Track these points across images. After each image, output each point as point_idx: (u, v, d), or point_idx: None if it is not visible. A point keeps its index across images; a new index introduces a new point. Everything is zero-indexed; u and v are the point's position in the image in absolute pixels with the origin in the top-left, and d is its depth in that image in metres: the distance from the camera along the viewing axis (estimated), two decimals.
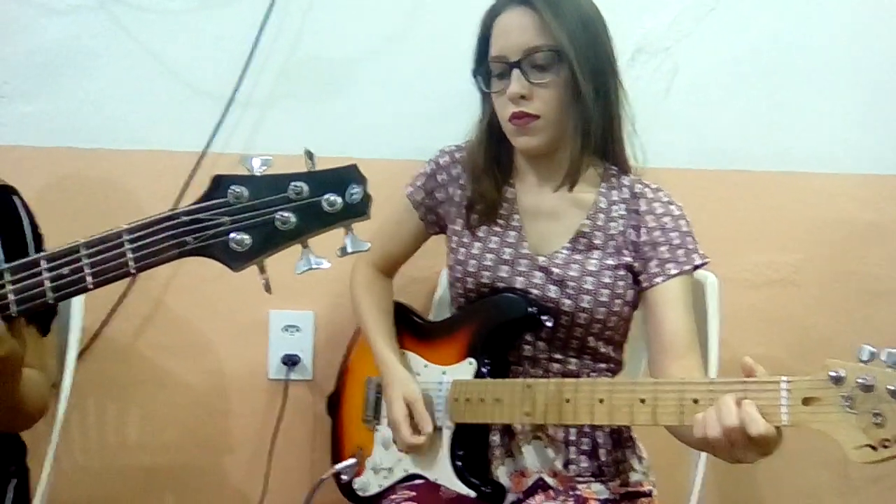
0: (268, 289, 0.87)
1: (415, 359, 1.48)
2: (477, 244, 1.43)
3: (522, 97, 1.30)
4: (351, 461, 1.54)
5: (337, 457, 1.62)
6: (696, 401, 1.08)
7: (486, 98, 1.41)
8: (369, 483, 1.50)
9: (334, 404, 1.66)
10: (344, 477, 1.54)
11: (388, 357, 1.46)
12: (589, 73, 1.30)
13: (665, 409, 1.11)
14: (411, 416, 1.38)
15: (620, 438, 1.41)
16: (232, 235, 0.84)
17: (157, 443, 1.77)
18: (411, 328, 1.53)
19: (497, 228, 1.42)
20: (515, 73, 1.30)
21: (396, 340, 1.51)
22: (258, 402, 1.78)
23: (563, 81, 1.31)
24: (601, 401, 1.18)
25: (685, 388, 1.11)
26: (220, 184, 0.87)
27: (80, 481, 1.73)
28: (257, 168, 0.87)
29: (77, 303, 1.45)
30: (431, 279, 1.77)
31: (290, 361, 1.77)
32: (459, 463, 1.36)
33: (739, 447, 1.01)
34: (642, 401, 1.13)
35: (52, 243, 1.15)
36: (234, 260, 0.85)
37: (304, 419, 1.78)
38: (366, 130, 1.77)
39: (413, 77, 1.77)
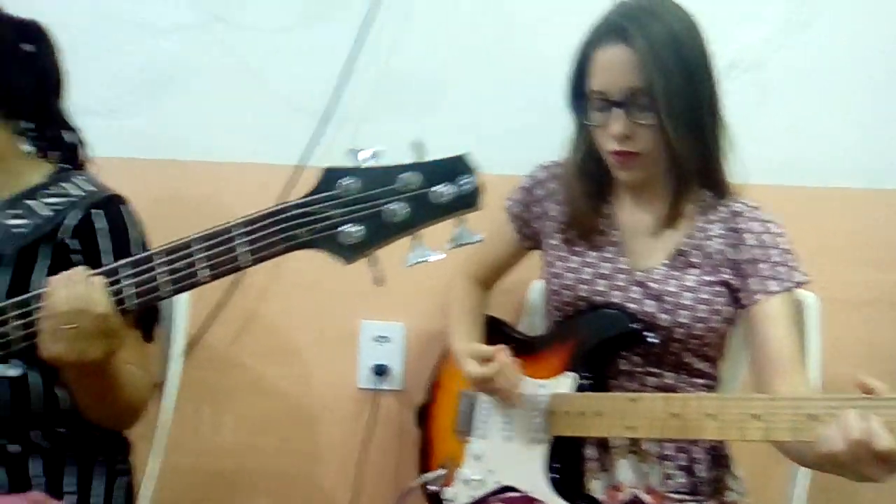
0: (379, 282, 0.88)
1: None
2: (575, 258, 1.43)
3: (626, 136, 1.30)
4: (440, 472, 1.54)
5: (425, 467, 1.63)
6: (813, 416, 1.05)
7: (583, 125, 1.41)
8: (459, 494, 1.50)
9: (423, 416, 1.66)
10: (431, 487, 1.55)
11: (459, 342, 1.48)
12: (682, 114, 1.28)
13: (780, 425, 1.08)
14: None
15: (717, 456, 1.38)
16: (342, 228, 0.85)
17: (249, 447, 1.81)
18: (504, 341, 1.53)
19: (595, 243, 1.42)
20: (617, 112, 1.29)
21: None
22: (347, 411, 1.80)
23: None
24: (711, 416, 1.15)
25: (801, 403, 1.07)
26: (330, 176, 0.88)
27: (174, 482, 1.76)
28: (365, 159, 0.87)
29: (181, 308, 1.50)
30: (519, 291, 1.76)
31: (380, 371, 1.78)
32: (556, 476, 1.35)
33: (865, 464, 0.97)
34: (756, 416, 1.10)
35: None
36: (346, 252, 0.86)
37: (391, 429, 1.79)
38: (461, 145, 1.77)
39: (509, 90, 1.77)
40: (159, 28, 1.76)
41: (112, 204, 1.23)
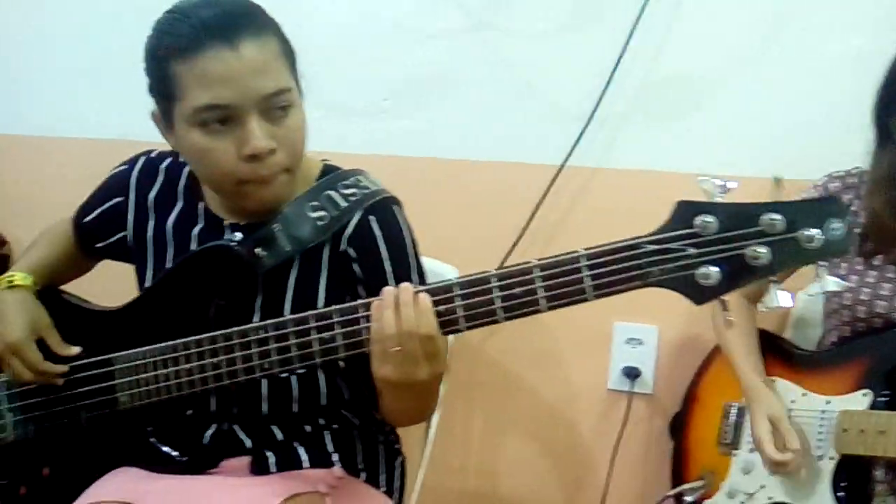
0: (729, 325, 0.86)
1: (788, 386, 1.44)
2: (872, 273, 1.38)
3: None
4: (699, 483, 1.54)
5: (679, 477, 1.62)
6: None
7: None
8: None
9: (679, 426, 1.65)
10: (688, 498, 1.55)
11: (753, 379, 1.45)
12: None
13: None
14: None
15: None
16: (701, 269, 0.84)
17: (498, 445, 1.86)
18: (782, 355, 1.50)
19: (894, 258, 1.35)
20: None
21: (763, 365, 1.47)
22: (596, 412, 1.81)
23: None
24: None
25: None
26: (685, 211, 0.86)
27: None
28: (719, 192, 0.85)
29: None
30: None
31: (631, 374, 1.78)
32: (841, 494, 1.32)
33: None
34: None
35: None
36: (699, 294, 0.84)
37: (640, 433, 1.79)
38: (722, 148, 1.73)
39: (775, 93, 1.70)
40: (428, 33, 1.82)
41: (388, 207, 1.23)
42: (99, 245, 1.36)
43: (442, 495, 1.83)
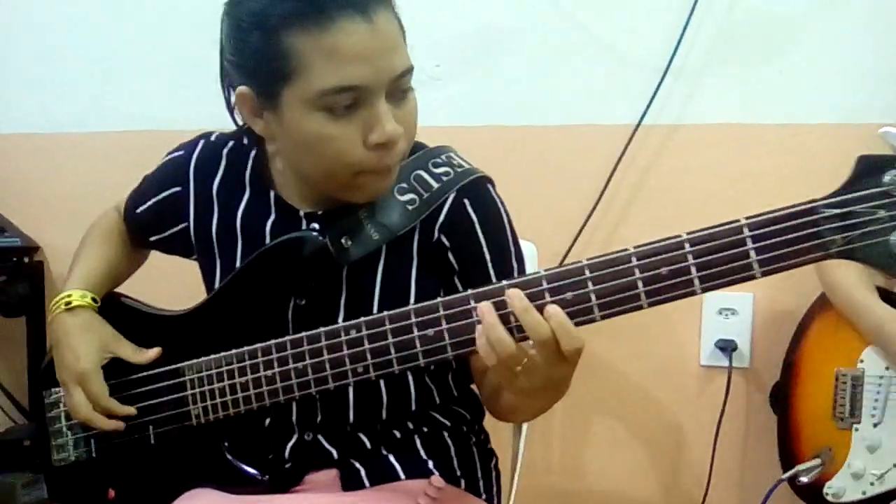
0: None
1: None
2: None
3: None
4: (814, 462, 1.41)
5: (787, 455, 1.50)
6: None
7: None
8: (845, 489, 1.37)
9: (782, 397, 1.53)
10: (803, 479, 1.42)
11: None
12: None
13: None
14: None
15: None
16: (894, 236, 0.71)
17: (583, 427, 1.74)
18: None
19: None
20: None
21: None
22: (688, 391, 1.69)
23: None
24: None
25: None
26: (869, 167, 0.73)
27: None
28: None
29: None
30: None
31: (725, 347, 1.65)
32: None
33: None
34: None
35: None
36: (893, 266, 0.72)
37: (738, 411, 1.66)
38: (808, 94, 1.59)
39: (860, 32, 1.56)
40: None
41: (482, 187, 1.10)
42: (153, 238, 1.23)
43: (525, 492, 1.72)
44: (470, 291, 0.90)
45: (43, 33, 1.98)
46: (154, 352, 1.11)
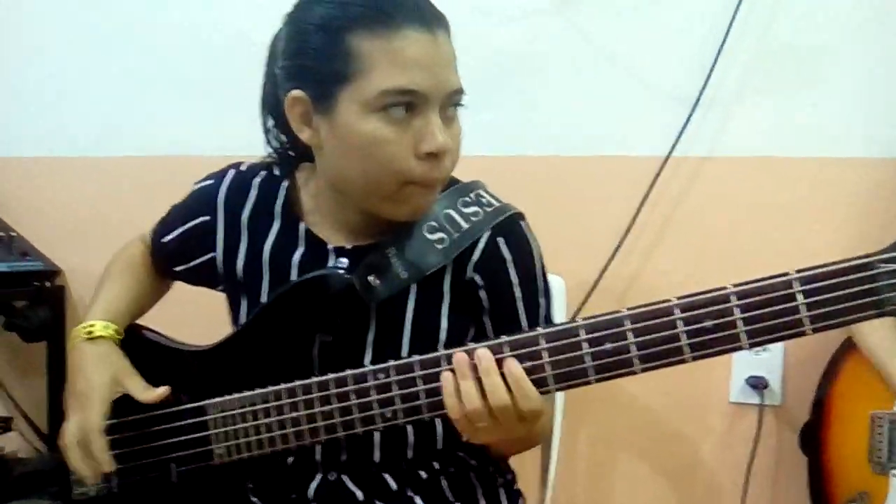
0: None
1: None
2: None
3: None
4: None
5: (820, 497, 1.47)
6: None
7: None
8: None
9: (812, 437, 1.49)
10: None
11: None
12: None
13: None
14: None
15: None
16: None
17: (606, 461, 1.70)
18: None
19: None
20: None
21: None
22: (718, 427, 1.65)
23: None
24: None
25: None
26: None
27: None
28: None
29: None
30: None
31: (756, 384, 1.61)
32: None
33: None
34: None
35: None
36: None
37: (769, 451, 1.62)
38: (842, 127, 1.56)
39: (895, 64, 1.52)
40: (507, 15, 1.66)
41: (515, 224, 1.09)
42: (179, 268, 1.21)
43: None
44: (504, 339, 0.88)
45: (65, 56, 1.98)
46: (162, 391, 1.07)
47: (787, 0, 1.56)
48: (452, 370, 0.88)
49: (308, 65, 0.97)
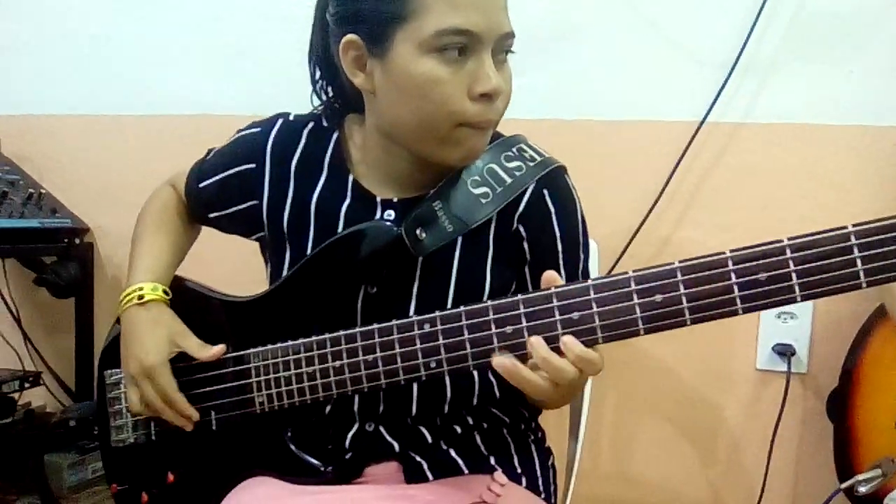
0: None
1: None
2: None
3: None
4: (874, 472, 1.37)
5: (845, 464, 1.47)
6: None
7: None
8: None
9: (840, 405, 1.49)
10: (862, 489, 1.38)
11: None
12: None
13: None
14: None
15: None
16: None
17: (634, 424, 1.71)
18: None
19: None
20: None
21: None
22: (744, 394, 1.65)
23: None
24: None
25: None
26: None
27: None
28: None
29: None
30: None
31: (783, 352, 1.61)
32: None
33: None
34: None
35: None
36: None
37: (794, 418, 1.62)
38: (878, 95, 1.55)
39: None
40: None
41: (560, 177, 1.10)
42: (214, 215, 1.20)
43: (575, 495, 1.70)
44: (553, 290, 0.88)
45: (93, 16, 1.98)
46: (218, 349, 1.09)
47: None
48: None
49: (362, 7, 0.97)
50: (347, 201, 1.09)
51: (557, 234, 1.07)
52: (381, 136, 1.06)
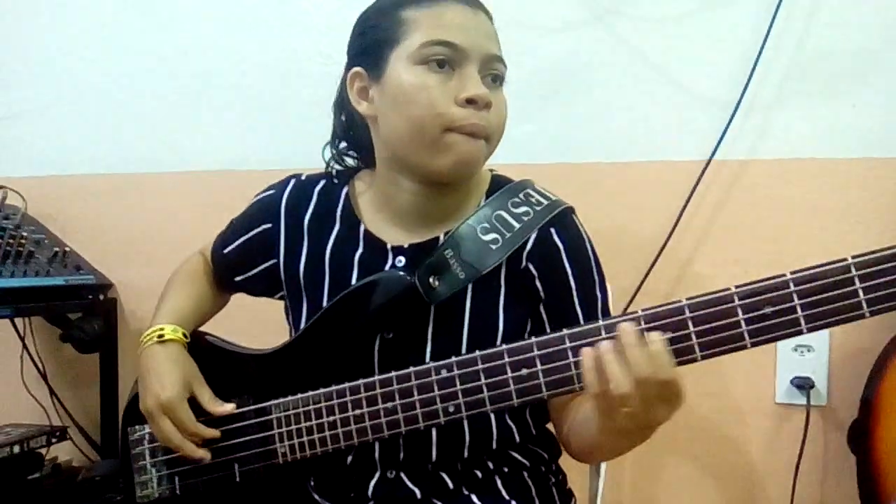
0: None
1: None
2: None
3: None
4: None
5: (870, 497, 1.45)
6: None
7: None
8: None
9: (861, 437, 1.48)
10: None
11: None
12: None
13: None
14: None
15: None
16: None
17: (653, 468, 1.71)
18: None
19: None
20: None
21: None
22: (764, 429, 1.65)
23: None
24: None
25: None
26: None
27: None
28: None
29: None
30: None
31: (802, 385, 1.61)
32: None
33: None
34: None
35: None
36: None
37: (815, 451, 1.61)
38: (882, 127, 1.56)
39: None
40: (550, 27, 1.69)
41: (566, 217, 1.13)
42: (239, 278, 1.26)
43: None
44: (565, 331, 0.90)
45: (118, 73, 2.03)
46: (229, 407, 1.12)
47: (824, 4, 1.56)
48: (591, 344, 0.87)
49: (365, 42, 1.07)
50: (360, 250, 1.12)
51: (569, 272, 1.09)
52: (387, 169, 1.11)
